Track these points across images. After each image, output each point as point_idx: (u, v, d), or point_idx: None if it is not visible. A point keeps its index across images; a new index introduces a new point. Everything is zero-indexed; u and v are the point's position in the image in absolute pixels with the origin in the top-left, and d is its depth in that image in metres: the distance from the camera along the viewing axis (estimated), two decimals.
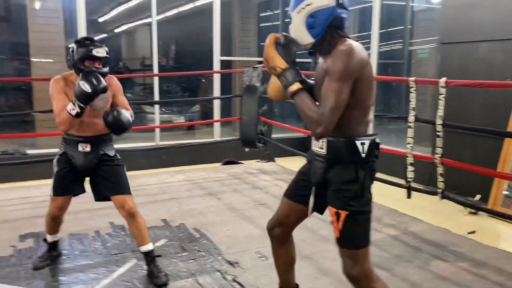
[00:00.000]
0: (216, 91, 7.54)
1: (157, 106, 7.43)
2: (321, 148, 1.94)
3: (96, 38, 2.75)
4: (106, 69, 2.73)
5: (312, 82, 1.98)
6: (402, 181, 3.92)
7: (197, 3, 9.61)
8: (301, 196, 2.12)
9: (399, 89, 8.06)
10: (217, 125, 7.67)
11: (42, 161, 5.17)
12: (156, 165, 6.49)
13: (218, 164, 6.59)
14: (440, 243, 3.50)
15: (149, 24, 7.08)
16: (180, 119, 8.95)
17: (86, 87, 2.51)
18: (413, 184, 3.82)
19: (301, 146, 6.54)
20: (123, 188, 2.84)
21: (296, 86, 1.83)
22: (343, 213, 1.87)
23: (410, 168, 3.75)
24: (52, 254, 3.10)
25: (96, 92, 2.53)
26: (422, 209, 4.38)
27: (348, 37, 1.86)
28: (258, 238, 3.56)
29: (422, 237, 3.63)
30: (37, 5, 6.82)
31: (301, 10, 1.84)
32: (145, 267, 2.95)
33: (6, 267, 2.99)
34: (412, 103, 3.71)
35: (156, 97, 7.11)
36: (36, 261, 3.03)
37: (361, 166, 1.87)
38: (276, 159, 6.60)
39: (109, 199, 2.85)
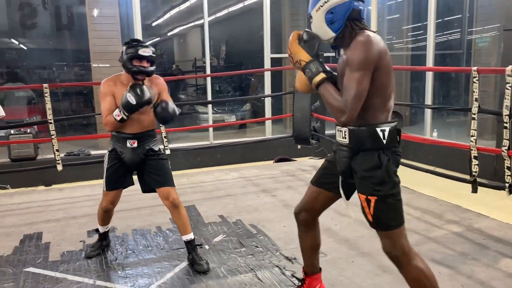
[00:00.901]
0: (267, 89, 7.57)
1: (210, 106, 7.57)
2: (344, 138, 2.03)
3: (149, 42, 2.91)
4: (152, 68, 2.91)
5: (335, 73, 2.06)
6: (464, 176, 3.76)
7: (246, 3, 9.68)
8: (327, 183, 2.24)
9: (458, 81, 7.71)
10: (268, 123, 7.70)
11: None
12: (210, 163, 6.62)
13: (271, 162, 6.63)
14: (509, 241, 3.32)
15: (200, 26, 7.24)
16: (231, 118, 9.07)
17: (132, 100, 2.74)
18: (479, 179, 3.64)
19: None
20: (168, 181, 2.99)
21: (320, 76, 1.93)
22: (372, 199, 1.96)
23: (474, 161, 3.58)
24: (103, 244, 3.32)
25: (140, 105, 2.77)
26: (487, 205, 4.16)
27: (367, 29, 1.95)
28: None
29: (489, 234, 3.46)
30: (96, 13, 7.16)
31: (319, 8, 1.95)
32: (206, 259, 3.04)
33: (77, 260, 3.17)
34: (475, 94, 3.54)
35: (209, 97, 7.25)
36: (88, 250, 3.27)
37: (383, 152, 1.95)
38: None
39: (155, 191, 3.02)
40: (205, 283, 2.79)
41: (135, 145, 2.98)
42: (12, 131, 5.77)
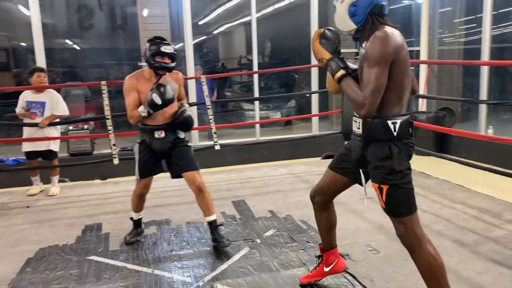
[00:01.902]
0: (314, 85, 7.54)
1: (257, 103, 7.62)
2: (358, 128, 2.13)
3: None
4: (173, 64, 3.15)
5: (356, 67, 2.15)
6: None
7: None
8: (342, 168, 2.36)
9: None
10: (315, 120, 7.67)
11: None
12: (258, 159, 6.68)
13: (318, 158, 6.60)
14: None
15: (245, 24, 7.30)
16: (276, 115, 9.10)
17: (157, 100, 2.99)
18: None
19: None
20: (192, 165, 3.24)
21: (340, 72, 2.05)
22: (384, 187, 2.08)
23: None
24: (138, 231, 3.55)
25: (164, 104, 3.03)
26: None
27: (388, 24, 2.03)
28: (366, 231, 3.51)
29: None
30: (146, 13, 7.39)
31: (344, 0, 2.04)
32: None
33: (135, 250, 3.32)
34: None
35: (256, 94, 7.31)
36: (126, 237, 3.49)
37: (394, 144, 2.04)
38: None
39: (181, 176, 3.26)
40: (259, 275, 2.84)
41: (163, 135, 3.22)
42: (70, 127, 6.08)
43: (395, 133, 2.03)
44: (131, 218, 3.53)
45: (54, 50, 8.20)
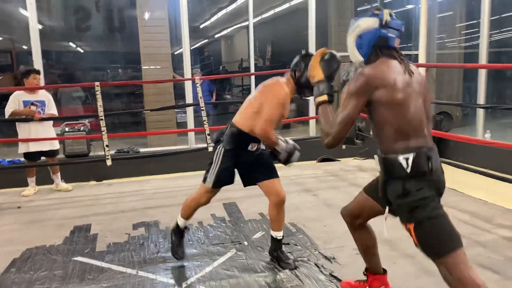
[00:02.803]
0: None
1: None
2: (377, 164, 2.06)
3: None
4: None
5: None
6: None
7: (292, 3, 9.69)
8: (376, 193, 2.13)
9: None
10: (312, 122, 7.65)
11: (153, 156, 5.64)
12: None
13: (314, 162, 6.58)
14: None
15: (247, 27, 7.32)
16: None
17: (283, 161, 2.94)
18: None
19: None
20: (273, 174, 2.97)
21: (322, 98, 2.03)
22: (410, 226, 1.91)
23: None
24: (181, 243, 3.12)
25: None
26: None
27: (394, 57, 1.96)
28: None
29: None
30: (146, 16, 7.41)
31: (352, 32, 2.03)
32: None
33: (122, 251, 3.31)
34: None
35: None
36: (175, 249, 3.09)
37: (410, 181, 1.88)
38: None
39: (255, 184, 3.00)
40: (243, 278, 2.83)
41: (255, 148, 2.94)
42: (66, 129, 6.10)
43: (408, 170, 1.87)
44: (177, 226, 3.10)
45: (52, 52, 8.25)
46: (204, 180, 2.94)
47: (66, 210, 4.38)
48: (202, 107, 5.11)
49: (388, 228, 3.29)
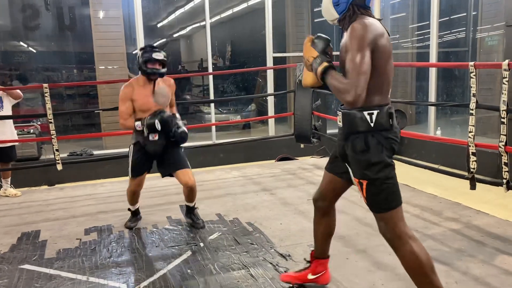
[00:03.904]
0: (270, 87, 7.57)
1: (212, 105, 7.58)
2: (339, 121, 2.11)
3: (155, 43, 3.08)
4: (164, 70, 3.38)
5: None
6: (465, 173, 3.70)
7: (250, 3, 9.70)
8: (337, 168, 2.28)
9: (463, 79, 7.62)
10: (271, 122, 7.69)
11: (106, 158, 5.48)
12: (214, 162, 6.63)
13: (273, 161, 6.61)
14: (508, 238, 3.26)
15: (205, 27, 7.25)
16: (236, 118, 9.09)
17: (158, 127, 3.26)
18: (477, 176, 3.59)
19: None
20: (184, 164, 3.48)
21: (323, 65, 2.00)
22: (364, 182, 2.03)
23: (472, 158, 3.53)
24: (137, 218, 3.82)
25: (162, 131, 3.32)
26: (488, 203, 4.11)
27: (370, 15, 2.01)
28: (311, 231, 3.42)
29: (487, 231, 3.40)
30: (100, 15, 7.21)
31: None
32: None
33: (72, 258, 3.19)
34: (473, 89, 3.49)
35: (211, 97, 7.26)
36: (127, 223, 3.75)
37: (372, 136, 1.99)
38: None
39: (172, 175, 3.53)
40: (197, 279, 2.79)
41: (157, 138, 3.37)
42: (15, 131, 5.82)
43: (372, 124, 1.98)
44: (129, 209, 3.77)
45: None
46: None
47: (13, 217, 4.19)
48: None
49: (339, 226, 3.35)
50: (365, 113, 1.98)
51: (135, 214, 3.81)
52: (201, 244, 3.35)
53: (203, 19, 7.47)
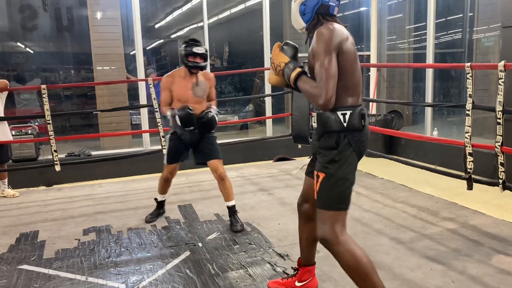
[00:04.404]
0: (267, 88, 7.58)
1: None
2: (314, 122, 2.16)
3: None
4: (204, 64, 3.54)
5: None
6: (462, 174, 3.73)
7: (248, 4, 9.72)
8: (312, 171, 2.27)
9: (459, 79, 7.66)
10: (269, 123, 7.70)
11: (105, 159, 5.49)
12: None
13: (271, 161, 6.63)
14: (504, 237, 3.29)
15: (203, 28, 7.26)
16: (234, 119, 9.10)
17: (178, 122, 3.42)
18: (474, 176, 3.62)
19: None
20: (216, 155, 3.63)
21: (296, 71, 2.07)
22: (321, 175, 2.07)
23: (469, 158, 3.56)
24: (160, 212, 3.97)
25: (185, 127, 3.49)
26: (485, 203, 4.14)
27: (335, 21, 2.08)
28: None
29: (484, 230, 3.43)
30: (98, 15, 7.21)
31: None
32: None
33: (71, 258, 3.20)
34: (469, 90, 3.52)
35: None
36: (148, 217, 3.89)
37: (344, 136, 2.05)
38: None
39: (206, 164, 3.67)
40: (196, 279, 2.80)
41: (192, 128, 3.52)
42: (13, 132, 5.82)
43: (344, 124, 2.03)
44: (156, 199, 3.94)
45: None
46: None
47: (11, 217, 4.18)
48: (156, 108, 5.03)
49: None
50: (339, 113, 2.04)
51: (159, 207, 3.96)
52: (200, 244, 3.37)
53: (200, 20, 7.48)
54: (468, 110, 3.52)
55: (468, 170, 3.57)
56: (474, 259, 2.94)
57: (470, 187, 3.57)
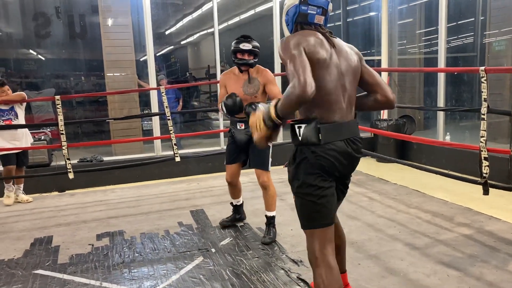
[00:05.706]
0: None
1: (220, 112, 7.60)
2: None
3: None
4: (253, 60, 3.43)
5: None
6: (476, 178, 3.68)
7: (258, 10, 9.75)
8: None
9: (472, 84, 7.60)
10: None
11: (117, 167, 5.51)
12: (222, 168, 6.55)
13: (281, 166, 6.60)
14: None
15: (213, 34, 7.29)
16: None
17: (224, 109, 3.40)
18: (489, 181, 3.57)
19: (369, 146, 6.38)
20: (262, 164, 3.50)
21: (272, 106, 1.82)
22: (293, 194, 2.03)
23: (485, 162, 3.51)
24: (236, 217, 3.93)
25: (230, 113, 3.43)
26: (500, 208, 4.08)
27: (317, 30, 2.00)
28: None
29: (500, 236, 3.38)
30: (109, 22, 7.28)
31: (284, 10, 2.11)
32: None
33: (85, 263, 3.21)
34: (484, 94, 3.48)
35: None
36: (222, 221, 3.90)
37: (301, 151, 1.95)
38: None
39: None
40: (210, 285, 2.79)
41: (243, 127, 3.50)
42: None
43: (299, 138, 1.92)
44: (231, 204, 3.92)
45: (10, 60, 7.97)
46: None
47: (25, 222, 4.22)
48: (169, 116, 5.05)
49: (351, 232, 3.35)
50: (296, 126, 1.94)
51: (235, 212, 3.92)
52: (213, 250, 3.36)
53: (210, 26, 7.52)
54: (483, 114, 3.48)
55: (484, 175, 3.52)
56: (491, 265, 2.90)
57: (486, 192, 3.52)
